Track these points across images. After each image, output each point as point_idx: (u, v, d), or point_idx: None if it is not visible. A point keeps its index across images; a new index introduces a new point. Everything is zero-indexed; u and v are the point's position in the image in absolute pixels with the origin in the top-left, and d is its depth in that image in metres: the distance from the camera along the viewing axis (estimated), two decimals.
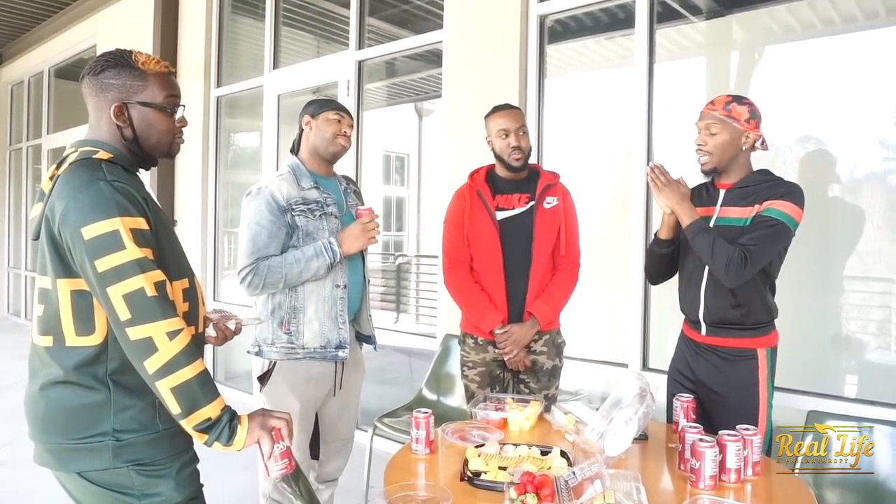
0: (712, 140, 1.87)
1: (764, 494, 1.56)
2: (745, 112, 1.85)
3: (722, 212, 1.91)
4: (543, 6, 3.16)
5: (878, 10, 2.55)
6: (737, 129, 1.85)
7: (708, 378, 1.94)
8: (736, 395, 1.89)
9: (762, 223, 1.80)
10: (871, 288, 2.54)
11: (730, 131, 1.86)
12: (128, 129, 1.35)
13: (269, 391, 2.09)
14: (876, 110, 2.46)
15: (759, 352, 1.89)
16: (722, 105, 1.87)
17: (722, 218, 1.91)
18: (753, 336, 1.89)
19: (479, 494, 1.46)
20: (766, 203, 1.81)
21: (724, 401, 1.90)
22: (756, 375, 1.88)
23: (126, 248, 1.20)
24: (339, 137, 2.14)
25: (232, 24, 5.23)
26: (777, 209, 1.80)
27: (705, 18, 3.00)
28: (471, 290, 2.33)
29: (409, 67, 4.78)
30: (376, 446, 2.83)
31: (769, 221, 1.79)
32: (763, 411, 1.87)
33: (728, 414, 1.85)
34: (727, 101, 1.87)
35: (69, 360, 1.27)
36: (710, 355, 1.94)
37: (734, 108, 1.85)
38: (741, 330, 1.88)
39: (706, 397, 1.95)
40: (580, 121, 3.28)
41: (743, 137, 1.86)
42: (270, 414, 1.32)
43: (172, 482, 1.32)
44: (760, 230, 1.80)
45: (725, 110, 1.86)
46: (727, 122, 1.85)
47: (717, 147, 1.87)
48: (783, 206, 1.80)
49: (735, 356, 1.90)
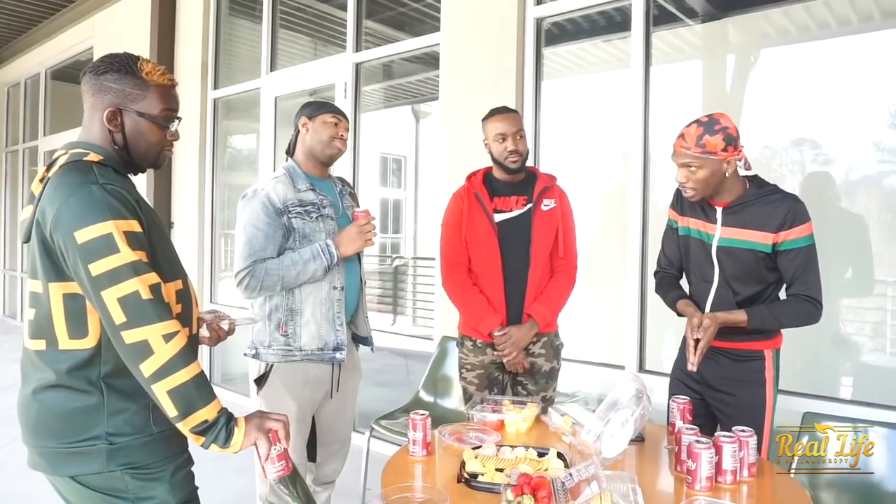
0: (693, 176, 1.82)
1: (760, 496, 1.56)
2: (720, 141, 1.77)
3: (724, 232, 1.89)
4: (540, 9, 3.17)
5: (873, 13, 2.56)
6: (715, 162, 1.80)
7: (715, 379, 1.94)
8: (743, 393, 1.89)
9: (796, 258, 1.82)
10: (867, 290, 2.55)
11: (709, 165, 1.80)
12: (118, 134, 1.34)
13: (266, 393, 2.09)
14: (871, 113, 2.47)
15: (766, 353, 1.90)
16: (694, 141, 1.79)
17: (726, 239, 1.89)
18: (760, 339, 1.90)
19: (476, 496, 1.46)
20: (782, 235, 1.81)
21: (731, 399, 1.91)
22: (764, 375, 1.89)
23: (120, 252, 1.19)
24: (335, 140, 2.14)
25: (229, 26, 5.23)
26: (796, 237, 1.81)
27: (701, 21, 3.01)
28: (469, 292, 2.33)
29: (407, 70, 4.79)
30: (373, 448, 2.82)
31: (799, 253, 1.82)
32: (769, 411, 1.88)
33: (735, 412, 1.86)
34: (699, 136, 1.79)
35: (62, 364, 1.26)
36: (719, 357, 1.94)
37: (707, 141, 1.78)
38: (748, 333, 1.88)
39: (712, 398, 1.96)
40: (577, 123, 3.29)
41: (724, 165, 1.81)
42: (267, 416, 1.32)
43: (167, 485, 1.31)
44: (799, 266, 1.82)
45: (699, 146, 1.78)
46: (703, 158, 1.79)
47: (700, 182, 1.83)
48: (800, 231, 1.81)
49: (743, 357, 1.91)
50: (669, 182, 2.91)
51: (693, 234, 1.99)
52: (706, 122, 1.81)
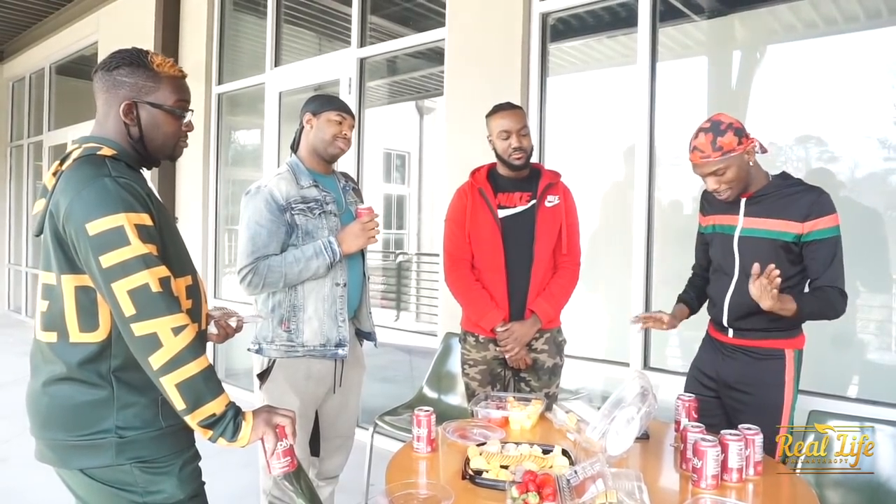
0: (724, 179, 1.83)
1: (766, 494, 1.55)
2: (732, 137, 1.80)
3: (747, 223, 1.90)
4: (546, 4, 3.16)
5: (881, 9, 2.55)
6: (737, 157, 1.81)
7: (733, 378, 1.94)
8: (761, 393, 1.88)
9: (822, 248, 1.82)
10: (873, 287, 2.53)
11: (734, 162, 1.81)
12: (135, 127, 1.35)
13: (269, 388, 2.09)
14: (877, 110, 2.46)
15: (786, 352, 1.89)
16: (710, 148, 1.80)
17: (748, 229, 1.90)
18: (781, 338, 1.89)
19: (480, 493, 1.46)
20: (808, 225, 1.81)
21: (748, 398, 1.90)
22: (783, 375, 1.88)
23: (131, 244, 1.20)
24: (338, 140, 2.13)
25: (233, 21, 5.22)
26: (823, 228, 1.81)
27: (707, 17, 3.00)
28: (472, 288, 2.33)
29: (411, 65, 4.77)
30: (377, 444, 2.83)
31: (826, 244, 1.81)
32: (787, 412, 1.86)
33: (752, 412, 1.85)
34: (712, 141, 1.80)
35: (73, 357, 1.27)
36: (739, 355, 1.94)
37: (722, 142, 1.79)
38: (768, 332, 1.88)
39: (729, 398, 1.95)
40: (582, 119, 3.28)
41: (745, 156, 1.83)
42: (275, 411, 1.32)
43: (175, 479, 1.32)
44: (826, 257, 1.81)
45: (717, 150, 1.80)
46: (726, 158, 1.80)
47: (732, 181, 1.84)
48: (827, 222, 1.81)
49: (763, 356, 1.90)
50: (674, 179, 2.91)
51: (717, 229, 2.00)
52: (711, 127, 1.82)
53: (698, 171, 1.87)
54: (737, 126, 1.82)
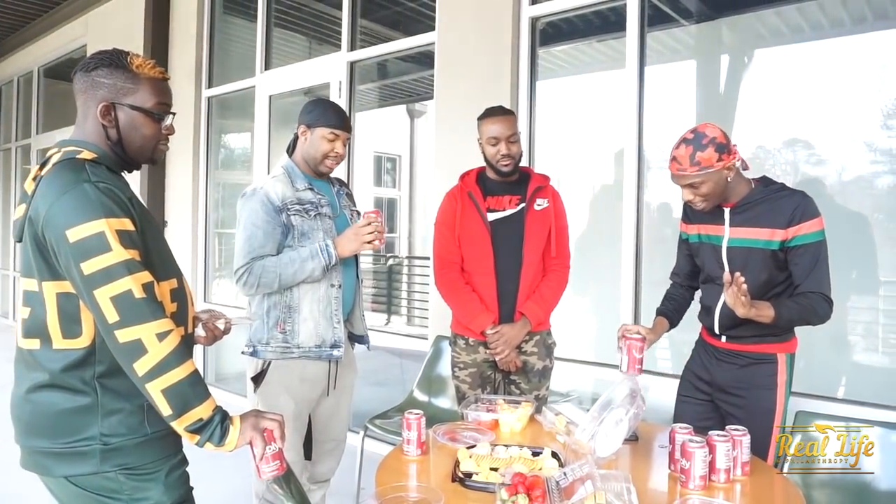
0: (699, 192, 1.82)
1: (753, 494, 1.57)
2: (712, 153, 1.76)
3: (734, 232, 1.89)
4: (535, 9, 3.17)
5: (866, 14, 2.58)
6: (714, 173, 1.79)
7: (726, 382, 1.94)
8: (754, 396, 1.89)
9: (805, 253, 1.80)
10: (860, 290, 2.56)
11: (710, 178, 1.79)
12: (113, 129, 1.33)
13: (264, 391, 2.08)
14: (864, 114, 2.48)
15: (779, 357, 1.89)
16: (688, 162, 1.78)
17: (735, 239, 1.89)
18: (773, 342, 1.89)
19: (470, 495, 1.46)
20: (791, 230, 1.79)
21: (741, 402, 1.90)
22: (775, 379, 1.88)
23: (112, 250, 1.18)
24: (327, 159, 2.12)
25: (223, 24, 5.21)
26: (807, 233, 1.79)
27: (695, 22, 3.02)
28: (462, 291, 2.33)
29: (401, 69, 4.78)
30: (368, 448, 2.82)
31: (809, 249, 1.80)
32: (779, 416, 1.87)
33: (744, 416, 1.85)
34: (690, 155, 1.77)
35: (56, 364, 1.25)
36: (732, 359, 1.94)
37: (700, 157, 1.76)
38: (761, 337, 1.88)
39: (722, 401, 1.96)
40: (572, 123, 3.30)
41: (724, 172, 1.80)
42: (263, 415, 1.31)
43: (161, 486, 1.31)
44: (809, 262, 1.80)
45: (694, 165, 1.77)
46: (702, 174, 1.78)
47: (707, 195, 1.83)
48: (810, 227, 1.79)
49: (756, 360, 1.90)
50: (663, 182, 2.93)
51: (703, 239, 1.98)
52: (693, 139, 1.79)
53: (675, 181, 1.86)
54: (720, 141, 1.77)
